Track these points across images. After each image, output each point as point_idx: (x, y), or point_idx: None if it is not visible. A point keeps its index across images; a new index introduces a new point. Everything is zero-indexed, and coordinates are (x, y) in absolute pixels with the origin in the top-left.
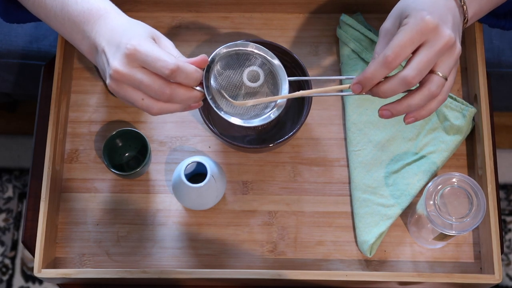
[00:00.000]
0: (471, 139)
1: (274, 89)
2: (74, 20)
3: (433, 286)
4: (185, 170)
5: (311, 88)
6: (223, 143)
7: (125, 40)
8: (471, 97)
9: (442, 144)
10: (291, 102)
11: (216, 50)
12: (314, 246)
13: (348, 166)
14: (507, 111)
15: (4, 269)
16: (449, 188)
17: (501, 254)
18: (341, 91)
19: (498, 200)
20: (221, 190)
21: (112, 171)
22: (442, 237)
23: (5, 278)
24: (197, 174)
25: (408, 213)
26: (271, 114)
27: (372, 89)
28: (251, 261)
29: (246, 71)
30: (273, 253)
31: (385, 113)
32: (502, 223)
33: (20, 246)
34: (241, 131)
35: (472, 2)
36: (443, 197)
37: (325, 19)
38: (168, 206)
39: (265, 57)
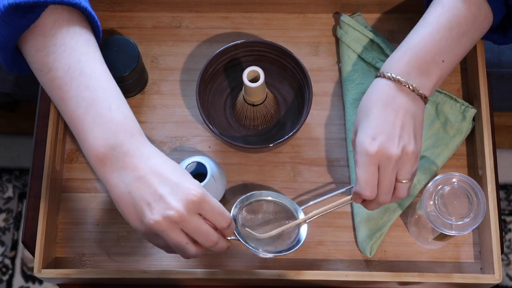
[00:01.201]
0: (471, 139)
1: (290, 220)
2: (99, 123)
3: (433, 286)
4: None
5: (311, 87)
6: (223, 143)
7: (186, 184)
8: (471, 97)
9: (442, 144)
10: (291, 103)
11: (237, 203)
12: (314, 246)
13: (348, 166)
14: (507, 111)
15: (4, 269)
16: (449, 188)
17: (501, 254)
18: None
19: (498, 200)
20: (221, 190)
21: None
22: (442, 237)
23: (5, 278)
24: (197, 174)
25: (408, 213)
26: (300, 241)
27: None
28: (251, 261)
29: (263, 210)
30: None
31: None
32: (502, 223)
33: (20, 246)
34: (241, 131)
35: (429, 74)
36: (443, 197)
37: (325, 19)
38: None
39: (278, 201)
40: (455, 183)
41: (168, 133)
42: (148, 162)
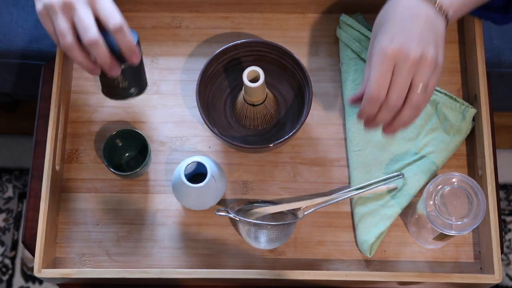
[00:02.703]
0: (471, 139)
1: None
2: None
3: (433, 286)
4: (185, 170)
5: (311, 87)
6: (223, 143)
7: None
8: (471, 97)
9: (442, 144)
10: (291, 103)
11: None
12: (314, 246)
13: (348, 166)
14: (507, 111)
15: (4, 269)
16: (449, 188)
17: (501, 254)
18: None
19: (498, 200)
20: (221, 190)
21: (112, 171)
22: (442, 237)
23: (5, 278)
24: (197, 174)
25: (408, 213)
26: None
27: (369, 124)
28: (251, 261)
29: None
30: (273, 253)
31: (388, 134)
32: (502, 223)
33: (20, 246)
34: (241, 131)
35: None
36: (443, 197)
37: (325, 19)
38: (168, 206)
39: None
40: (455, 183)
41: (168, 133)
42: None
